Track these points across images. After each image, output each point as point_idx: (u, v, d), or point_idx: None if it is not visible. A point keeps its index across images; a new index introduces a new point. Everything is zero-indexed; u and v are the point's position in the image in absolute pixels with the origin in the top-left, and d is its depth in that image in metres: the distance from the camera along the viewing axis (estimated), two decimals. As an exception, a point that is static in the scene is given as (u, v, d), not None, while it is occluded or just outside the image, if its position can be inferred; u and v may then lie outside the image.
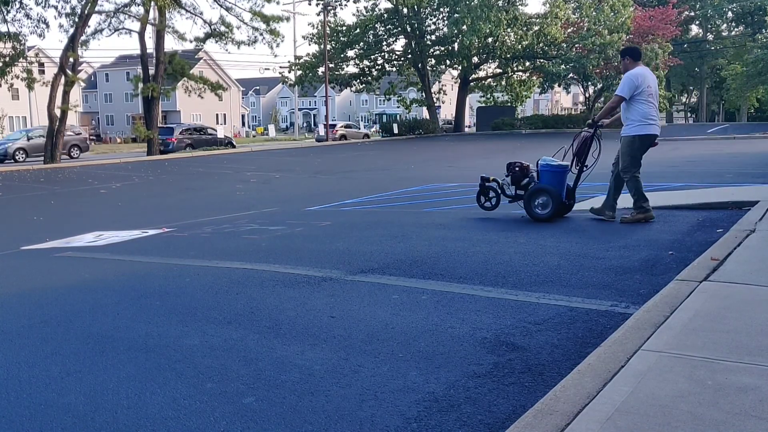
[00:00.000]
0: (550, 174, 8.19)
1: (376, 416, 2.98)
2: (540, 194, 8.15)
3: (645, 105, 7.60)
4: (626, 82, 7.65)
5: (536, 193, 8.18)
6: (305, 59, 47.88)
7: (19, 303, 5.44)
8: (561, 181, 8.20)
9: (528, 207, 8.22)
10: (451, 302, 4.77)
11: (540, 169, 8.31)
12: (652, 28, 41.67)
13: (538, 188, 8.19)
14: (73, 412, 3.18)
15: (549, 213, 8.07)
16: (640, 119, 7.62)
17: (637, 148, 7.71)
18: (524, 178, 8.48)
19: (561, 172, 8.20)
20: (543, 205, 8.13)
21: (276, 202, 12.50)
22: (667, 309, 3.81)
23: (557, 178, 8.17)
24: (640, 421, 2.45)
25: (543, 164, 8.30)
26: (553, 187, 8.11)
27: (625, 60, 7.95)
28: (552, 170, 8.19)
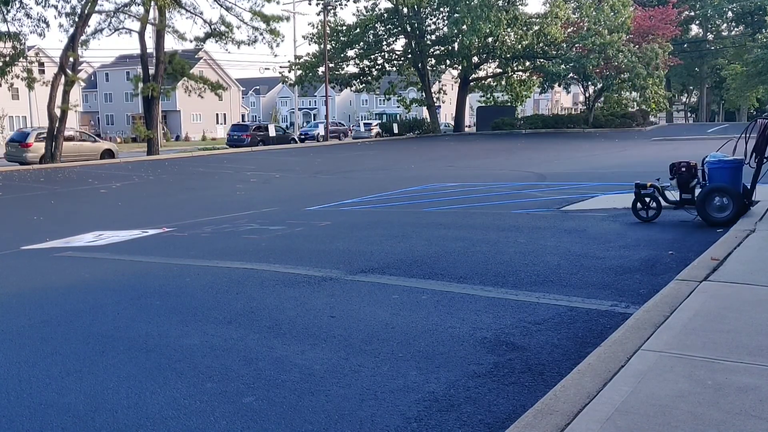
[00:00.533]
0: (723, 171, 7.27)
1: (376, 416, 2.98)
2: (717, 194, 7.20)
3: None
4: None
5: (712, 193, 7.22)
6: (305, 59, 47.86)
7: (19, 303, 5.44)
8: (737, 178, 7.27)
9: (703, 210, 7.28)
10: (451, 302, 4.77)
11: (709, 167, 7.44)
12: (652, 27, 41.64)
13: (715, 188, 7.22)
14: (73, 411, 3.18)
15: (730, 215, 7.10)
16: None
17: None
18: (692, 179, 7.67)
19: (736, 167, 7.27)
20: (721, 206, 7.20)
21: (276, 202, 12.50)
22: (667, 309, 3.81)
23: (733, 175, 7.25)
24: (640, 421, 2.45)
25: (713, 161, 7.42)
26: (731, 185, 7.19)
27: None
28: (726, 166, 7.29)
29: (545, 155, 22.57)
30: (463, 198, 11.46)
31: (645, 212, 7.99)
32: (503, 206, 10.00)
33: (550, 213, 8.93)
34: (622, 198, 10.27)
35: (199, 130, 72.01)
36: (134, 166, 26.23)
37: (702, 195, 7.32)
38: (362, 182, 16.18)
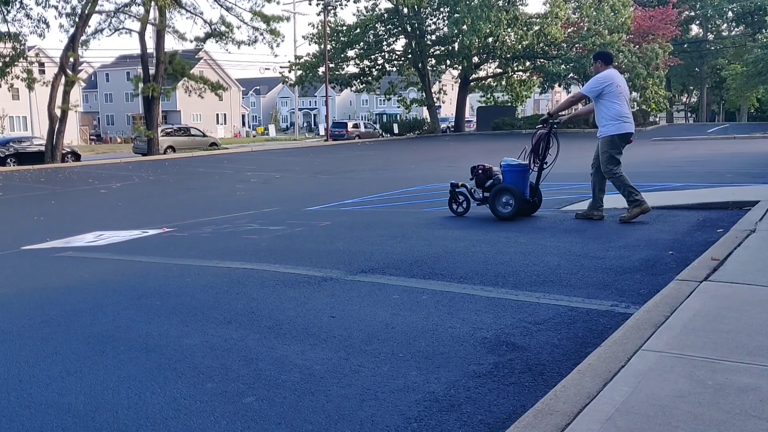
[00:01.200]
0: (511, 173, 8.44)
1: (376, 416, 2.98)
2: (502, 193, 8.40)
3: (617, 104, 7.82)
4: (591, 83, 8.02)
5: (499, 192, 8.43)
6: (305, 59, 47.88)
7: (19, 303, 5.44)
8: (522, 180, 8.41)
9: (492, 206, 8.47)
10: (451, 302, 4.77)
11: (503, 170, 8.55)
12: (652, 28, 41.67)
13: (501, 188, 8.43)
14: (74, 411, 3.18)
15: (512, 211, 8.29)
16: (615, 118, 7.82)
17: (616, 146, 7.87)
18: (488, 180, 8.68)
19: (521, 171, 8.41)
20: (506, 203, 8.36)
21: (276, 202, 12.51)
22: (668, 309, 3.81)
23: (518, 177, 8.40)
24: (641, 421, 2.45)
25: (504, 164, 8.55)
26: (515, 186, 8.34)
27: (597, 63, 8.24)
28: (512, 170, 8.45)
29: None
30: (463, 198, 11.44)
31: (456, 207, 9.13)
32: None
33: (550, 213, 8.93)
34: (622, 198, 10.26)
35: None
36: (134, 166, 26.23)
37: (492, 193, 8.50)
38: (362, 182, 16.19)
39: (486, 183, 8.71)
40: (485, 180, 8.73)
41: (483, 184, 8.75)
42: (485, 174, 8.76)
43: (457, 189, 9.10)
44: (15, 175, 23.17)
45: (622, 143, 7.93)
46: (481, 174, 8.79)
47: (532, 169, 8.48)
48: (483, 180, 8.76)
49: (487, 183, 8.70)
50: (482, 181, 8.77)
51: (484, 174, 8.77)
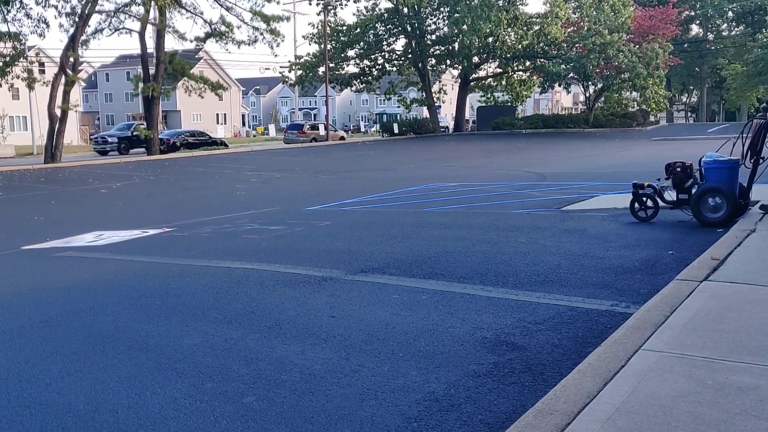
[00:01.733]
0: (719, 171, 7.25)
1: (376, 416, 2.98)
2: (711, 194, 7.20)
3: None
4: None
5: (706, 193, 7.21)
6: (305, 59, 47.86)
7: (19, 303, 5.44)
8: (733, 178, 7.25)
9: (697, 210, 7.29)
10: (451, 302, 4.77)
11: (705, 167, 7.41)
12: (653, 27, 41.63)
13: (708, 188, 7.22)
14: (74, 411, 3.18)
15: (723, 216, 7.09)
16: None
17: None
18: (688, 179, 7.64)
19: (732, 167, 7.23)
20: (715, 207, 7.19)
21: (276, 202, 12.50)
22: (668, 309, 3.81)
23: (728, 175, 7.23)
24: (641, 420, 2.45)
25: (709, 161, 7.39)
26: (725, 186, 7.17)
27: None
28: (721, 166, 7.26)
29: (545, 155, 22.56)
30: (463, 198, 11.46)
31: (643, 212, 7.99)
32: (503, 206, 10.00)
33: (551, 213, 8.93)
34: (622, 198, 10.26)
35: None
36: (134, 166, 26.23)
37: (696, 195, 7.33)
38: (362, 182, 16.19)
39: (686, 183, 7.61)
40: (685, 179, 7.61)
41: (683, 184, 7.61)
42: (684, 172, 7.63)
43: (642, 191, 7.96)
44: (15, 175, 23.18)
45: None
46: (680, 172, 7.64)
47: (743, 164, 7.23)
48: (683, 179, 7.62)
49: (687, 183, 7.61)
50: (682, 181, 7.62)
51: (683, 172, 7.64)
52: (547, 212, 9.02)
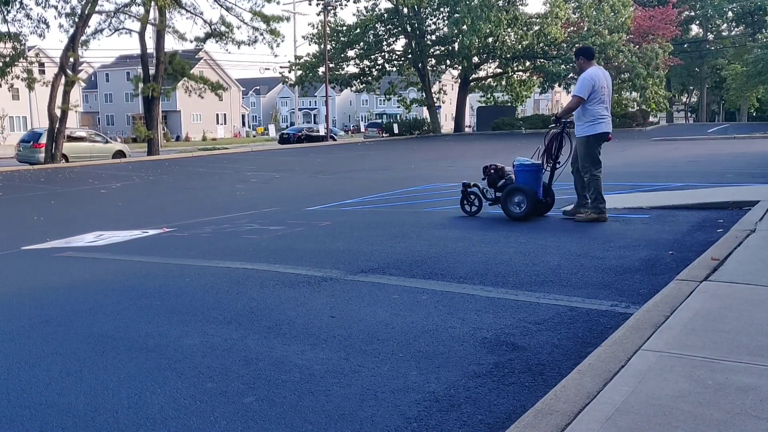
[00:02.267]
0: (523, 173, 8.41)
1: (376, 416, 2.98)
2: (515, 193, 8.38)
3: (597, 106, 7.94)
4: (584, 84, 7.94)
5: (511, 192, 8.40)
6: (305, 59, 47.89)
7: (19, 303, 5.44)
8: (535, 179, 8.40)
9: (505, 206, 8.44)
10: (451, 302, 4.78)
11: (515, 170, 8.51)
12: (653, 27, 41.67)
13: (513, 188, 8.41)
14: (74, 411, 3.18)
15: (524, 211, 8.27)
16: (591, 119, 7.94)
17: (592, 146, 8.04)
18: (500, 180, 8.66)
19: (534, 170, 8.39)
20: (518, 203, 8.34)
21: (276, 202, 12.50)
22: (668, 309, 3.81)
23: (531, 177, 8.38)
24: (641, 421, 2.45)
25: (517, 164, 8.51)
26: (528, 186, 8.34)
27: (580, 60, 8.27)
28: (525, 169, 8.42)
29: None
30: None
31: (469, 207, 9.12)
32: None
33: (550, 213, 8.92)
34: (622, 198, 10.26)
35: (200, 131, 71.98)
36: (135, 166, 26.23)
37: (504, 194, 8.47)
38: (362, 182, 16.19)
39: (498, 183, 8.67)
40: (497, 179, 8.68)
41: (495, 183, 8.70)
42: (497, 173, 8.71)
43: (469, 189, 9.07)
44: (15, 175, 23.18)
45: (598, 143, 8.05)
46: (493, 173, 8.73)
47: (545, 168, 8.44)
48: (495, 179, 8.71)
49: (499, 183, 8.66)
50: (494, 181, 8.71)
51: (496, 173, 8.71)
52: (547, 212, 9.02)
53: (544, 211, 8.62)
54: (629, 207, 9.06)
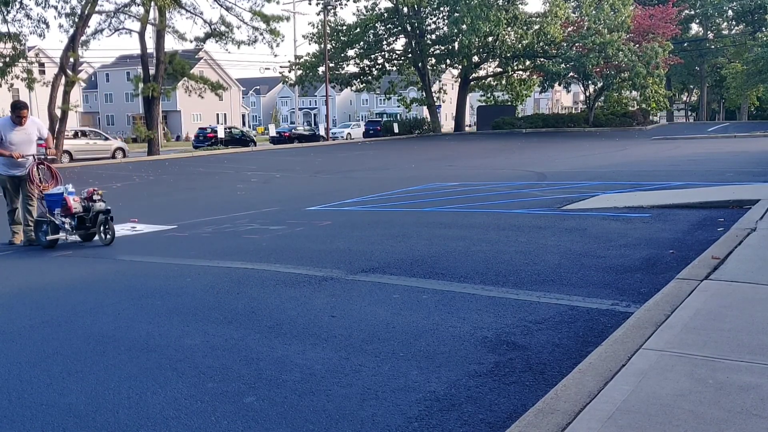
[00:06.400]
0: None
1: (377, 415, 2.98)
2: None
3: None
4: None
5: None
6: (305, 59, 47.89)
7: (20, 303, 5.44)
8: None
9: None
10: (451, 301, 4.78)
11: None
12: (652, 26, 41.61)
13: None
14: (75, 411, 3.18)
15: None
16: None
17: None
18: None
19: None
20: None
21: (276, 202, 12.50)
22: (668, 308, 3.81)
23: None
24: (642, 419, 2.45)
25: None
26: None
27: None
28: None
29: (545, 154, 22.56)
30: (463, 197, 11.46)
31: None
32: (504, 205, 10.00)
33: (551, 212, 8.93)
34: (623, 197, 10.27)
35: (200, 131, 71.79)
36: (135, 166, 26.23)
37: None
38: (363, 182, 16.18)
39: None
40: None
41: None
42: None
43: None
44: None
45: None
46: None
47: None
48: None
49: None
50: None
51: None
52: (548, 211, 9.02)
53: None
54: (630, 206, 9.06)
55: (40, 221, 8.36)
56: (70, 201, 8.11)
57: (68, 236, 8.25)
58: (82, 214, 8.16)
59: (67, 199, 8.12)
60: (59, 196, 8.19)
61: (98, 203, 8.18)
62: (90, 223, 8.19)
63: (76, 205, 8.14)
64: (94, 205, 8.17)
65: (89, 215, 8.16)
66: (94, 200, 8.20)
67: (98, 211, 8.16)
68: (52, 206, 8.20)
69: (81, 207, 8.17)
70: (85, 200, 8.23)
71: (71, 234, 8.21)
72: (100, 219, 8.13)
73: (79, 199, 8.23)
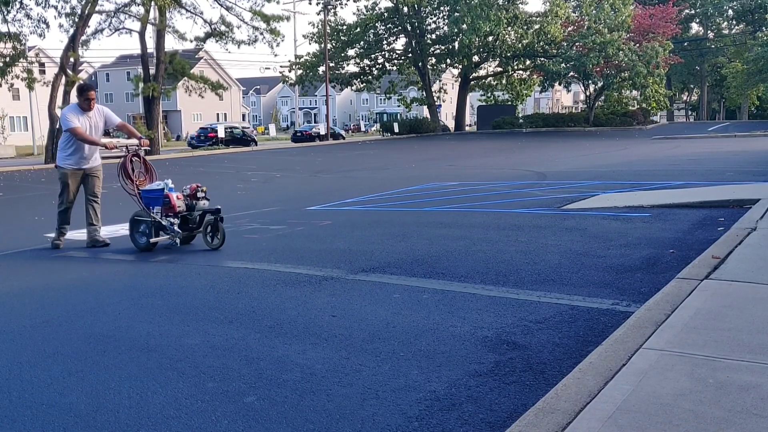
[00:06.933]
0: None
1: (377, 415, 2.99)
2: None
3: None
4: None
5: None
6: (306, 58, 47.91)
7: (20, 303, 5.44)
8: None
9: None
10: (452, 301, 4.78)
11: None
12: (653, 26, 41.61)
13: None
14: (75, 411, 3.18)
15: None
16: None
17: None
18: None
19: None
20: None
21: (277, 202, 12.50)
22: (669, 307, 3.81)
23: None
24: (642, 419, 2.45)
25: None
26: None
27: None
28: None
29: (546, 154, 22.55)
30: (463, 197, 11.46)
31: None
32: (504, 205, 10.00)
33: (551, 212, 8.93)
34: (623, 197, 10.27)
35: (200, 130, 71.82)
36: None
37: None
38: (363, 182, 16.18)
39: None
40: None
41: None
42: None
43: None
44: (15, 175, 23.19)
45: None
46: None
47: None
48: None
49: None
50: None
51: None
52: (548, 211, 9.02)
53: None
54: (630, 205, 9.05)
55: (138, 221, 7.56)
56: (174, 198, 7.30)
57: (176, 238, 7.40)
58: (186, 213, 7.38)
59: (170, 196, 7.31)
60: (160, 192, 7.37)
61: (202, 201, 7.40)
62: (194, 224, 7.42)
63: (180, 203, 7.34)
64: (198, 203, 7.39)
65: (192, 215, 7.39)
66: (198, 197, 7.43)
67: (206, 211, 7.38)
68: (152, 204, 7.39)
69: (184, 205, 7.40)
70: (188, 197, 7.45)
71: (177, 236, 7.36)
72: (208, 219, 7.28)
73: (182, 196, 7.45)
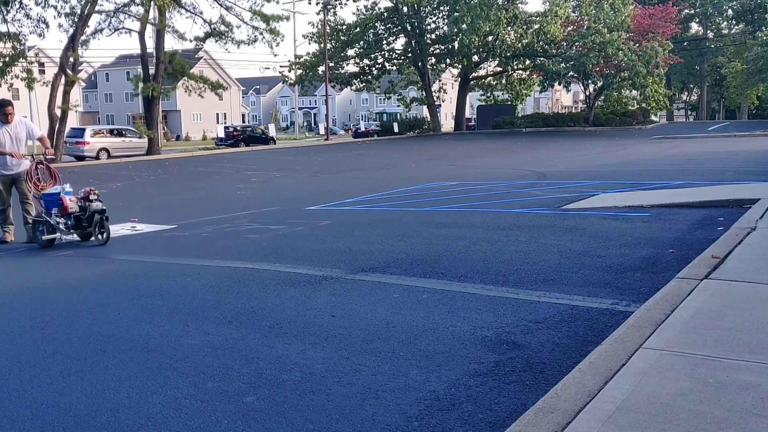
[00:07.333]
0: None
1: (377, 415, 2.99)
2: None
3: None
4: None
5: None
6: (305, 58, 47.88)
7: (20, 303, 5.44)
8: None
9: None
10: (451, 301, 4.78)
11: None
12: (652, 26, 41.59)
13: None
14: (75, 411, 3.18)
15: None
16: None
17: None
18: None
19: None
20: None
21: (277, 202, 12.50)
22: (668, 307, 3.81)
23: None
24: (642, 419, 2.45)
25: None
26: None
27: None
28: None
29: (545, 154, 22.56)
30: (463, 197, 11.46)
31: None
32: (504, 205, 10.00)
33: (551, 212, 8.93)
34: (623, 196, 10.27)
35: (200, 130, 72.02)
36: (135, 165, 26.23)
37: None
38: (363, 181, 16.18)
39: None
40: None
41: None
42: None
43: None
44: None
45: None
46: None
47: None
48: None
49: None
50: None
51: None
52: (548, 211, 9.03)
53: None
54: (630, 205, 9.06)
55: (38, 221, 8.41)
56: (67, 201, 8.16)
57: (63, 236, 8.27)
58: (79, 213, 8.19)
59: (64, 198, 8.16)
60: (56, 195, 8.23)
61: (95, 203, 8.20)
62: (86, 223, 8.22)
63: (73, 205, 8.18)
64: (91, 204, 8.18)
65: (86, 215, 8.18)
66: (91, 200, 8.22)
67: (94, 211, 8.17)
68: (50, 206, 8.25)
69: (77, 207, 8.21)
70: (81, 200, 8.26)
71: (66, 234, 8.23)
72: (96, 219, 8.14)
73: (75, 198, 8.28)
